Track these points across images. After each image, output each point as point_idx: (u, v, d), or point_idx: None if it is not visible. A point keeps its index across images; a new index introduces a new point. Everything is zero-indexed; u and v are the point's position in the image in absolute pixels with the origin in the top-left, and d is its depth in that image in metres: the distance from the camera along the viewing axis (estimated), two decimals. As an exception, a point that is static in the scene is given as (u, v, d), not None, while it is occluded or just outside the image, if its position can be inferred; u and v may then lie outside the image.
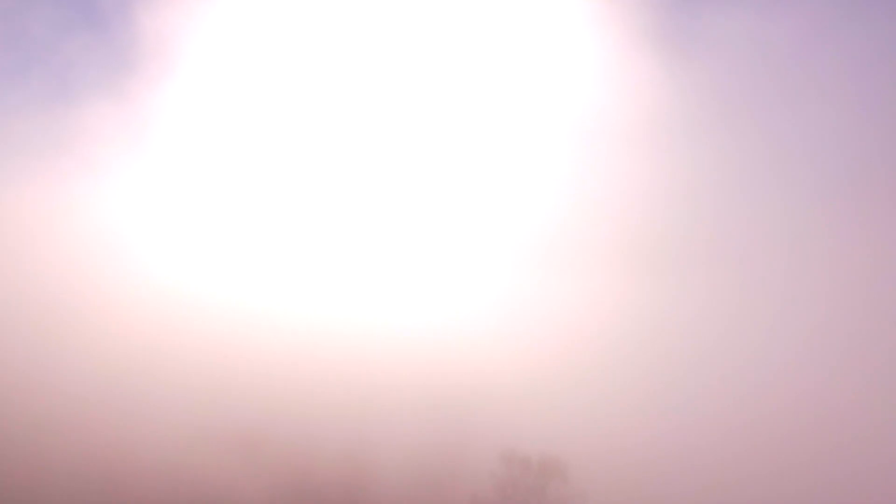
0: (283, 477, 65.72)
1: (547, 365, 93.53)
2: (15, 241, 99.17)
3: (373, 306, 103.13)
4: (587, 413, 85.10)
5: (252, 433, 76.04)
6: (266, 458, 71.63)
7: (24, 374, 78.03)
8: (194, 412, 77.84)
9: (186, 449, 73.77)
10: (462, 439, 70.95)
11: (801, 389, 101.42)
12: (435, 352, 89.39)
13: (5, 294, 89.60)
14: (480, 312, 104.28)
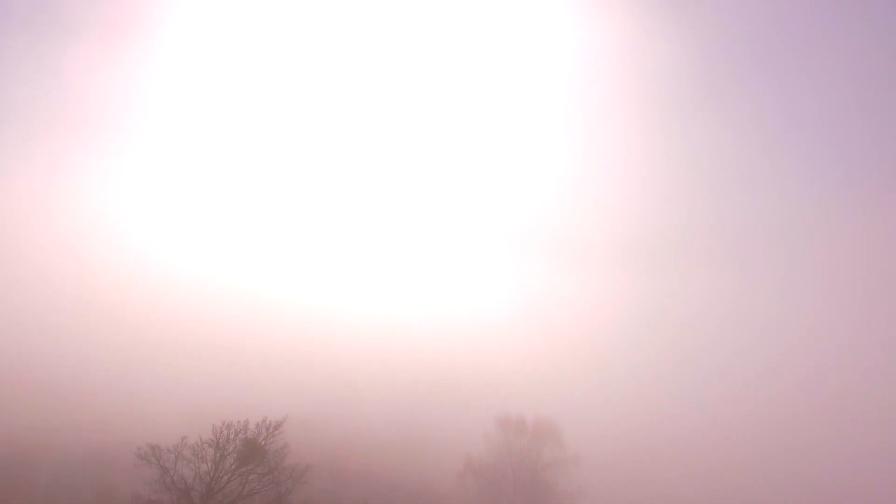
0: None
1: (552, 349, 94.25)
2: (13, 227, 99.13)
3: (385, 297, 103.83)
4: (588, 393, 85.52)
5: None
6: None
7: (26, 357, 77.93)
8: (194, 391, 77.74)
9: (184, 426, 73.56)
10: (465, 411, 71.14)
11: (797, 378, 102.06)
12: (441, 338, 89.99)
13: (5, 280, 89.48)
14: (490, 302, 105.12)
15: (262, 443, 33.81)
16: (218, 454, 32.90)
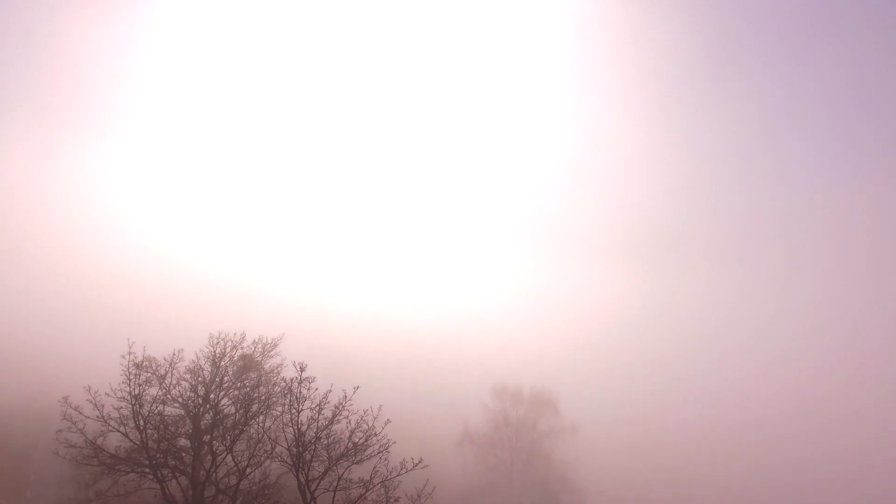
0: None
1: (552, 332, 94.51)
2: (8, 219, 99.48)
3: (385, 282, 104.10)
4: (587, 373, 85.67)
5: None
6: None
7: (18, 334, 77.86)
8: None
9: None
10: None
11: (799, 372, 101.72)
12: (447, 326, 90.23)
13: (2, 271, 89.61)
14: (494, 290, 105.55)
15: (259, 359, 33.59)
16: (214, 368, 32.67)
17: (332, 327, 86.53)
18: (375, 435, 20.03)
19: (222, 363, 33.17)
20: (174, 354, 33.27)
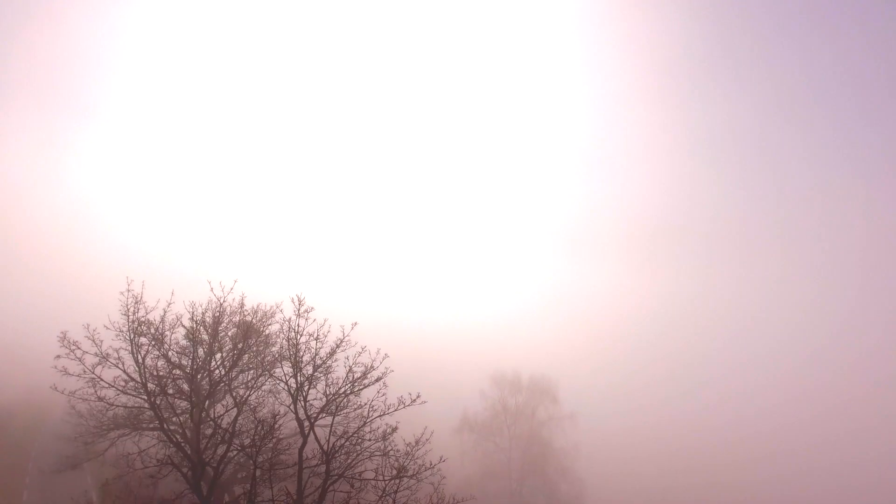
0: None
1: (559, 329, 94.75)
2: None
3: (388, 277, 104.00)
4: (594, 368, 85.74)
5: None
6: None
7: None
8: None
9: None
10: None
11: (810, 374, 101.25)
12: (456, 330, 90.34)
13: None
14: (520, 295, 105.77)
15: (257, 326, 33.58)
16: (212, 334, 32.62)
17: (331, 319, 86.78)
18: (374, 370, 20.13)
19: (220, 328, 33.17)
20: (174, 321, 33.25)
